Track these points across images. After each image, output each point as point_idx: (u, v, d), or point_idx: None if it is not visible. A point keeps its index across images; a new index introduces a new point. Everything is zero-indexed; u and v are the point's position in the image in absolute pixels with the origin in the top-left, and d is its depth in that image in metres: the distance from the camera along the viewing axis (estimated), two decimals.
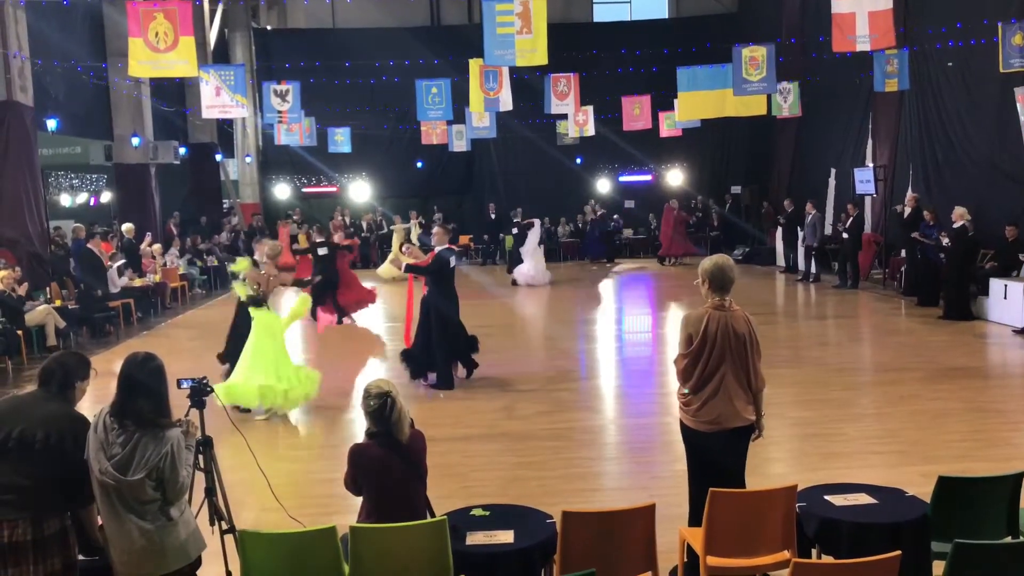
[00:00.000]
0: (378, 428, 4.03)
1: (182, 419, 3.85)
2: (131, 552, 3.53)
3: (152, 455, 3.52)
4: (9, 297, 11.47)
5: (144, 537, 3.52)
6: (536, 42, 10.87)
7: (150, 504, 3.55)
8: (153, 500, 3.55)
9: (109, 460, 3.49)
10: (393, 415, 3.99)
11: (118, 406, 3.59)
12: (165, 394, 3.66)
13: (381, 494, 4.02)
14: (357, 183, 25.01)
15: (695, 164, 25.44)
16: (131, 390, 3.59)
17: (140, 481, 3.49)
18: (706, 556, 4.11)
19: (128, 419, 3.55)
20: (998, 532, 4.17)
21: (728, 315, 4.63)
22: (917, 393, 8.75)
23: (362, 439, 4.19)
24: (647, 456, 7.20)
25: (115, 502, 3.52)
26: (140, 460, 3.51)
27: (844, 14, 11.92)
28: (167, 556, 3.58)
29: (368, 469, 4.03)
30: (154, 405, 3.60)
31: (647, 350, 12.34)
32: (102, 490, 3.52)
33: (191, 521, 3.74)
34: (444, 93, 17.36)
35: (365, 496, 4.07)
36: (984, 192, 14.36)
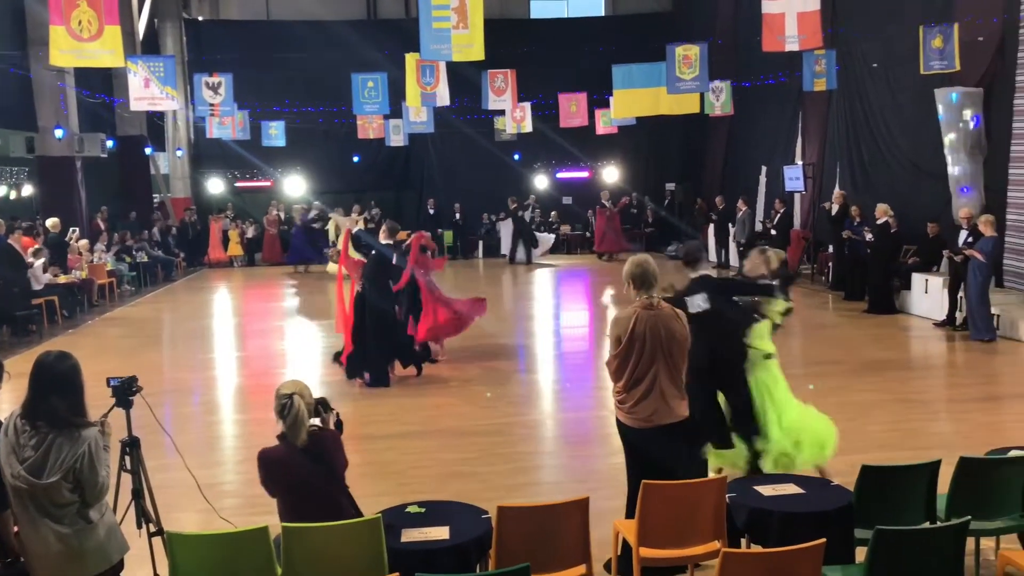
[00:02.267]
0: (283, 429, 3.99)
1: (99, 419, 3.74)
2: (47, 557, 3.43)
3: (67, 456, 3.42)
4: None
5: (61, 541, 3.42)
6: (473, 37, 10.84)
7: (67, 507, 3.44)
8: (70, 503, 3.45)
9: (21, 463, 3.38)
10: (289, 417, 3.93)
11: (29, 407, 3.46)
12: (80, 393, 3.53)
13: (289, 495, 3.99)
14: (292, 177, 24.64)
15: (631, 161, 25.71)
16: (43, 390, 3.46)
17: (55, 484, 3.39)
18: (639, 547, 4.17)
19: (40, 420, 3.43)
20: (917, 518, 4.32)
21: (657, 313, 4.70)
22: (843, 385, 9.01)
23: None
24: (584, 450, 7.28)
25: (29, 506, 3.41)
26: (55, 462, 3.40)
27: (774, 15, 12.17)
28: (86, 560, 3.48)
29: (272, 471, 3.99)
30: (69, 404, 3.48)
31: (585, 345, 12.45)
32: (16, 495, 3.41)
33: (112, 523, 3.65)
34: (381, 87, 17.21)
35: (277, 498, 4.03)
36: (907, 190, 14.86)
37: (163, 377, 10.29)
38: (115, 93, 20.94)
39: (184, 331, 13.72)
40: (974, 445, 6.16)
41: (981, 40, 12.98)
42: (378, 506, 4.36)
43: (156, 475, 4.65)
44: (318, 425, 4.09)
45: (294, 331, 13.61)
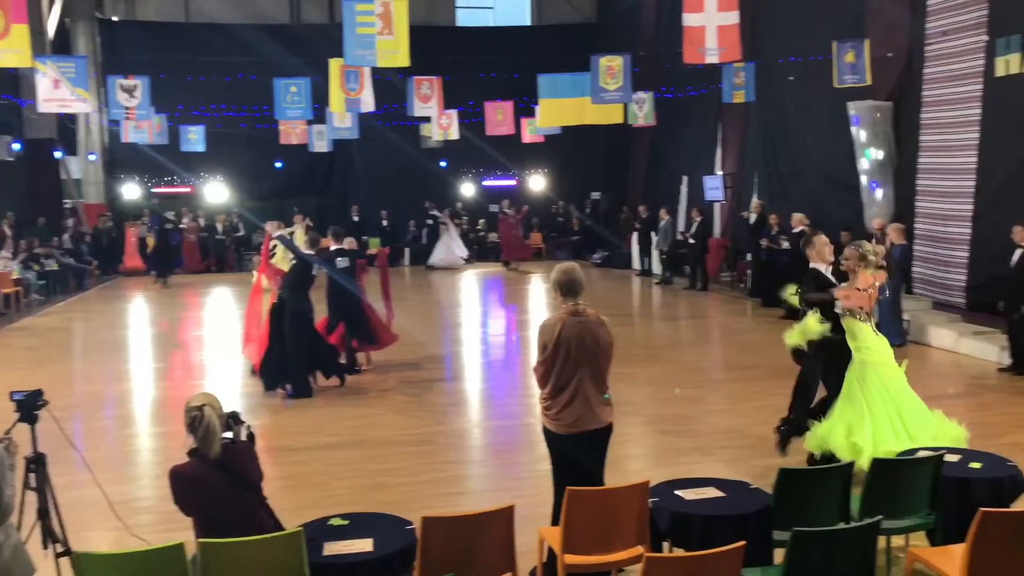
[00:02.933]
0: (195, 444, 3.89)
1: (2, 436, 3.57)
2: None
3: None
4: None
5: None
6: (398, 43, 10.79)
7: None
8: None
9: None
10: (200, 430, 3.84)
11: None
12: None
13: (205, 511, 3.89)
14: (212, 184, 24.06)
15: (557, 170, 25.93)
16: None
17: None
18: (564, 554, 4.19)
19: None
20: (832, 518, 4.44)
21: (582, 320, 4.74)
22: (762, 389, 9.22)
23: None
24: (511, 457, 7.28)
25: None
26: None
27: (694, 27, 12.43)
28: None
29: (184, 487, 3.88)
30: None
31: (512, 352, 12.47)
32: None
33: (17, 544, 3.48)
34: (304, 92, 16.95)
35: (193, 516, 3.92)
36: (821, 200, 15.35)
37: (74, 390, 9.91)
38: (22, 94, 20.10)
39: (97, 342, 13.24)
40: None
41: (890, 56, 13.53)
42: (300, 519, 4.27)
43: (66, 493, 4.46)
44: (230, 438, 3.99)
45: (214, 341, 13.27)
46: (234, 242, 23.62)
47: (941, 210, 12.96)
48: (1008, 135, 11.78)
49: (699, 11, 12.38)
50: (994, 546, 3.80)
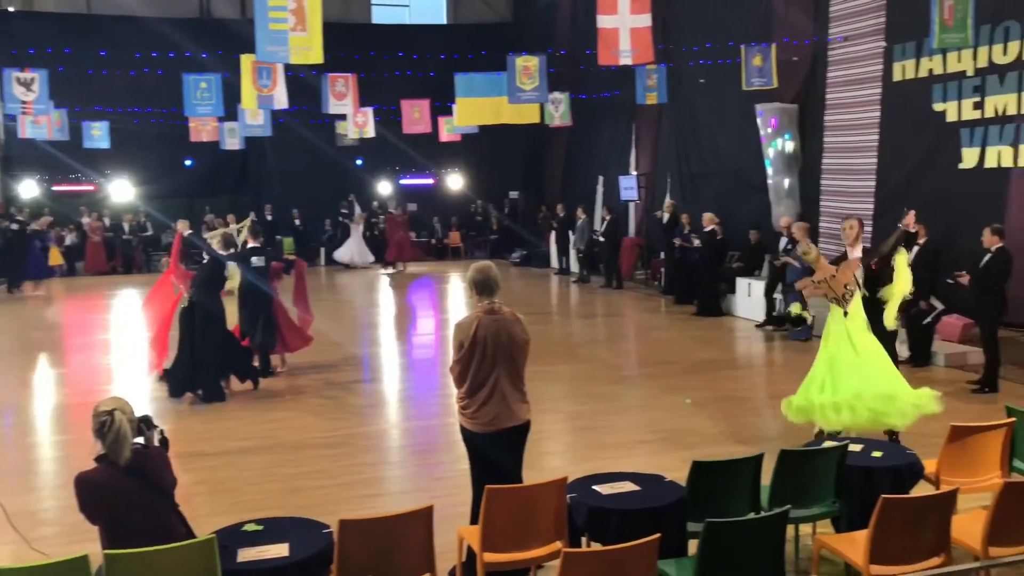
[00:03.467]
0: (104, 450, 3.76)
1: None
2: None
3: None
4: None
5: None
6: (311, 40, 10.58)
7: None
8: None
9: None
10: (110, 436, 3.72)
11: None
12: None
13: (113, 520, 3.75)
14: (118, 182, 23.21)
15: (474, 169, 25.95)
16: None
17: None
18: (483, 552, 4.20)
19: None
20: (743, 509, 4.58)
21: (499, 318, 4.76)
22: (676, 385, 9.44)
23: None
24: (430, 458, 7.25)
25: None
26: None
27: (608, 29, 12.60)
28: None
29: (91, 495, 3.74)
30: None
31: (430, 352, 12.42)
32: None
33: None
34: (215, 88, 16.50)
35: (99, 525, 3.78)
36: (731, 199, 15.79)
37: None
38: None
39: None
40: (793, 438, 6.61)
41: (796, 60, 14.01)
42: (213, 526, 4.16)
43: None
44: (142, 443, 3.86)
45: (120, 345, 12.81)
46: (142, 242, 22.87)
47: (844, 209, 13.47)
48: (905, 137, 12.35)
49: (613, 13, 12.55)
50: (895, 530, 3.98)
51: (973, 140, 11.27)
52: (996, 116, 10.96)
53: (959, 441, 4.99)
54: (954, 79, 11.48)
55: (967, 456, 5.01)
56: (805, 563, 4.78)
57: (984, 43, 10.89)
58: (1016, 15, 10.63)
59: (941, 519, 4.08)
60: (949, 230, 11.33)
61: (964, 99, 11.35)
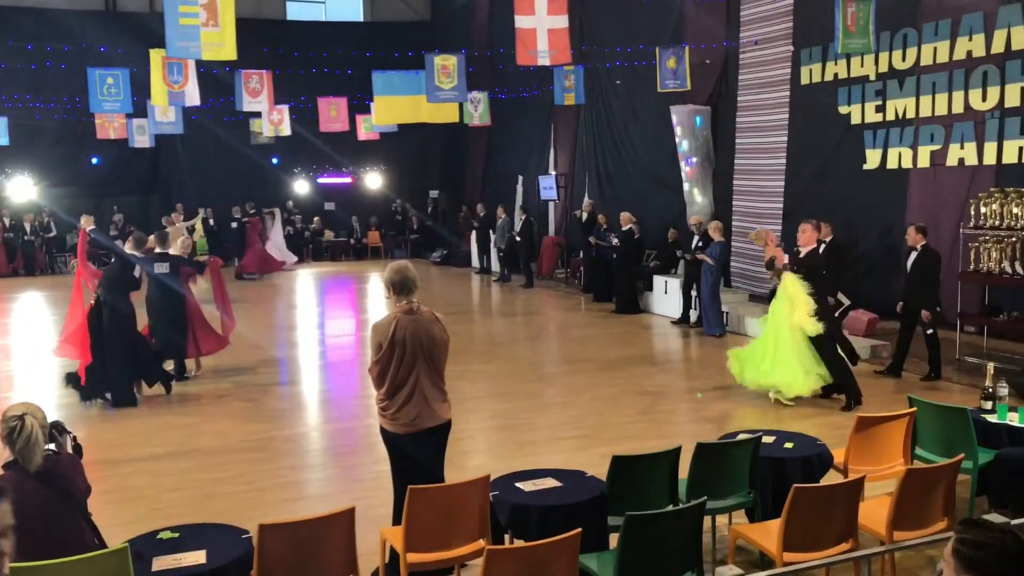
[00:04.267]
0: (13, 455, 3.62)
1: None
2: None
3: None
4: None
5: None
6: (224, 36, 10.34)
7: None
8: None
9: None
10: (20, 440, 3.58)
11: None
12: None
13: (22, 530, 3.59)
14: (18, 179, 22.22)
15: (394, 168, 25.76)
16: None
17: None
18: (406, 553, 4.19)
19: None
20: (662, 501, 4.68)
21: (417, 318, 4.75)
22: (596, 382, 9.57)
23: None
24: (350, 460, 7.18)
25: None
26: None
27: (526, 29, 12.68)
28: None
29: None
30: None
31: (350, 353, 12.28)
32: None
33: None
34: (122, 84, 15.92)
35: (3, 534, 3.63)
36: (648, 199, 16.10)
37: None
38: None
39: None
40: (708, 431, 6.79)
41: (708, 63, 14.36)
42: (127, 535, 4.04)
43: None
44: (53, 449, 3.72)
45: (22, 349, 12.27)
46: (45, 243, 21.96)
47: (755, 208, 13.90)
48: (812, 139, 12.80)
49: (530, 14, 12.63)
50: (806, 518, 4.13)
51: (876, 141, 11.77)
52: (896, 119, 11.47)
53: (865, 431, 5.21)
54: (858, 83, 11.97)
55: (872, 445, 5.23)
56: (722, 553, 4.91)
57: (885, 49, 11.39)
58: (914, 23, 11.15)
59: (849, 506, 4.24)
60: (853, 227, 11.82)
61: (867, 102, 11.85)
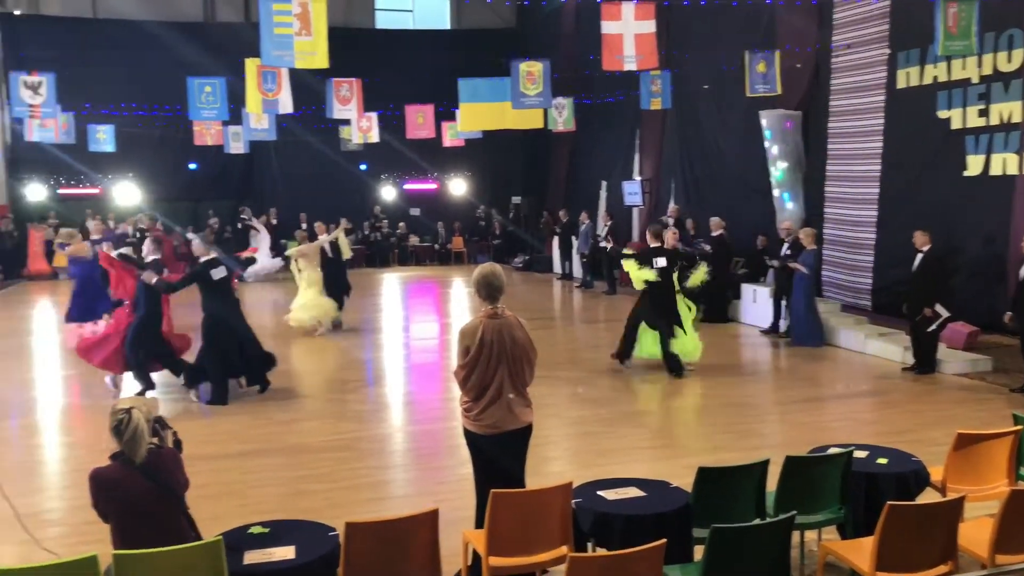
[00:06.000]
0: (119, 448, 3.78)
1: None
2: None
3: None
4: None
5: None
6: (316, 44, 10.61)
7: None
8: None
9: None
10: (126, 434, 3.74)
11: None
12: None
13: (124, 518, 3.77)
14: (123, 185, 23.26)
15: (478, 174, 25.99)
16: None
17: None
18: (488, 556, 4.20)
19: None
20: (749, 515, 4.58)
21: (502, 322, 4.78)
22: (680, 391, 9.44)
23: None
24: (434, 462, 7.25)
25: None
26: None
27: (613, 35, 12.64)
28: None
29: (104, 491, 3.76)
30: None
31: (433, 356, 12.42)
32: None
33: None
34: (219, 92, 16.52)
35: (111, 523, 3.80)
36: (735, 205, 15.79)
37: None
38: None
39: (1, 349, 12.65)
40: (798, 444, 6.61)
41: (799, 67, 14.02)
42: (219, 528, 4.17)
43: None
44: (156, 444, 3.88)
45: None
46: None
47: (848, 216, 13.49)
48: (909, 145, 12.36)
49: (617, 19, 12.59)
50: (901, 538, 3.97)
51: (978, 147, 11.28)
52: (1001, 123, 10.96)
53: (965, 448, 4.99)
54: (959, 86, 11.49)
55: (973, 463, 5.00)
56: (810, 569, 4.77)
57: (988, 51, 10.91)
58: (1020, 23, 10.64)
59: (948, 527, 4.07)
60: (953, 237, 11.34)
61: (969, 106, 11.37)
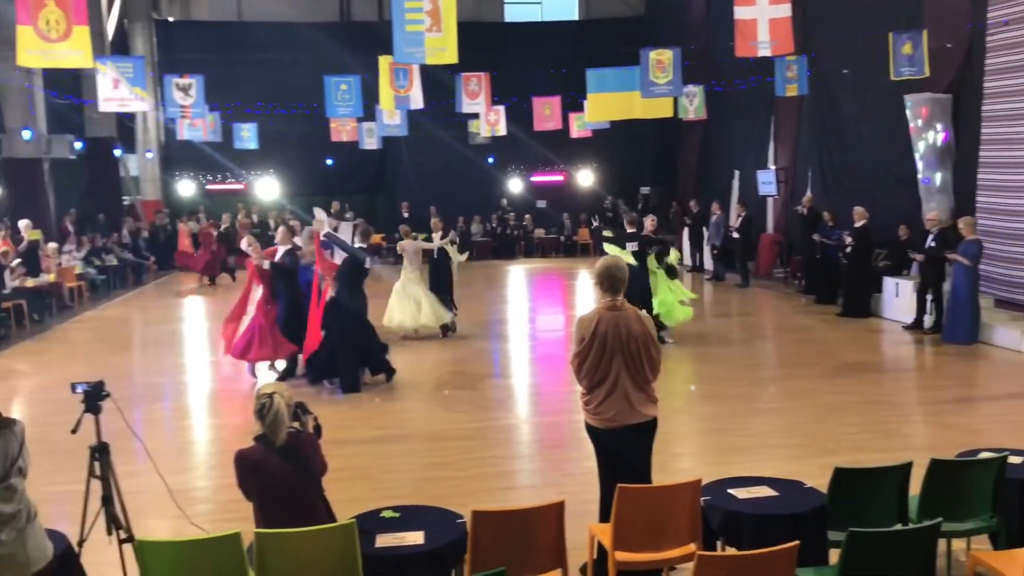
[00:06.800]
0: (262, 430, 3.97)
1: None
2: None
3: (12, 452, 3.42)
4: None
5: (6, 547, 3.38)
6: (446, 40, 10.80)
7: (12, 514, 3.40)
8: (15, 512, 3.42)
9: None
10: (268, 416, 3.92)
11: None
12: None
13: (265, 497, 3.98)
14: (264, 180, 24.45)
15: (605, 165, 25.82)
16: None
17: (10, 484, 3.37)
18: (614, 551, 4.17)
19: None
20: (889, 519, 4.35)
21: (619, 314, 4.71)
22: (816, 388, 9.08)
23: None
24: (559, 453, 7.27)
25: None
26: (4, 462, 3.38)
27: (746, 20, 12.26)
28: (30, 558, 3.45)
29: (248, 471, 3.97)
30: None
31: (559, 348, 12.44)
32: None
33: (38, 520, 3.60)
34: (354, 90, 17.11)
35: (253, 501, 4.00)
36: (877, 193, 15.02)
37: (133, 381, 10.16)
38: (84, 94, 20.65)
39: (154, 335, 13.55)
40: (945, 447, 6.24)
41: (950, 47, 13.17)
42: (352, 511, 4.32)
43: (126, 481, 4.57)
44: (297, 428, 4.06)
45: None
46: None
47: (1004, 205, 12.58)
48: None
49: (751, 4, 12.22)
50: None
51: None
52: None
53: None
54: None
55: None
56: None
57: None
58: None
59: None
60: None
61: None
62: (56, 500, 5.61)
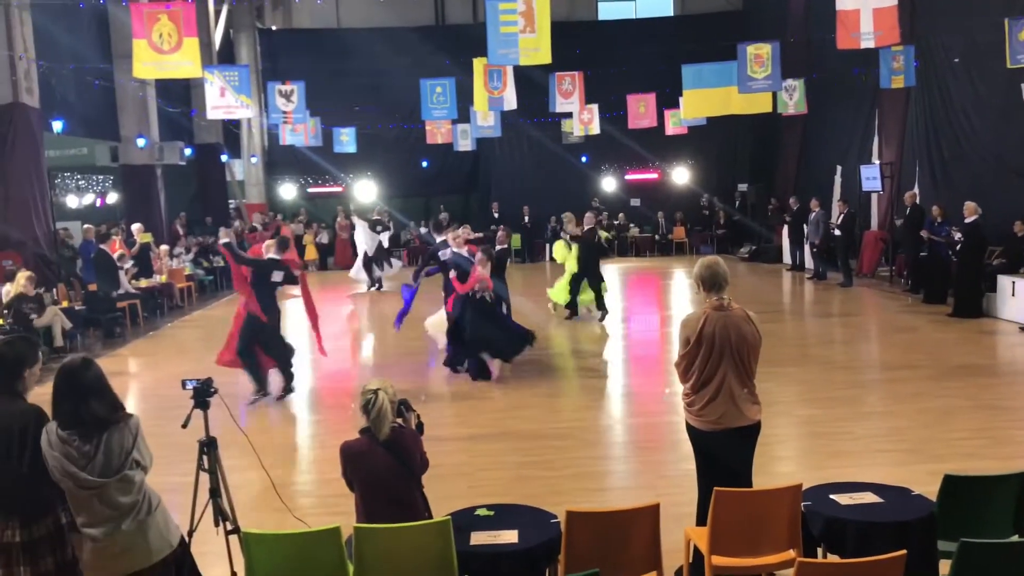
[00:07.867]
0: (367, 424, 4.10)
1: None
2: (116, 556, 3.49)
3: (128, 445, 3.51)
4: (24, 299, 11.41)
5: (129, 537, 3.50)
6: (540, 41, 10.85)
7: (132, 504, 3.52)
8: (134, 502, 3.54)
9: (84, 470, 3.41)
10: (373, 412, 4.05)
11: (70, 416, 3.47)
12: (112, 391, 3.60)
13: (365, 488, 4.10)
14: (362, 182, 25.05)
15: (701, 162, 25.40)
16: (79, 397, 3.48)
17: (126, 476, 3.47)
18: (711, 555, 4.10)
19: (88, 425, 3.46)
20: (1004, 531, 4.14)
21: (727, 315, 4.62)
22: (924, 391, 8.71)
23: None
24: (654, 455, 7.19)
25: (97, 509, 3.46)
26: (118, 455, 3.47)
27: (848, 11, 11.88)
28: (151, 547, 3.56)
29: (352, 462, 4.11)
30: (107, 403, 3.54)
31: (654, 348, 12.31)
32: (80, 504, 3.47)
33: (164, 507, 3.73)
34: (449, 92, 17.34)
35: (355, 492, 4.13)
36: (991, 188, 14.28)
37: (238, 379, 10.53)
38: (193, 103, 21.61)
39: None
40: None
41: None
42: (447, 508, 4.38)
43: (232, 475, 4.76)
44: (400, 424, 4.17)
45: (367, 335, 13.79)
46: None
47: None
48: None
49: None
50: None
51: None
52: None
53: None
54: None
55: None
56: None
57: None
58: None
59: None
60: None
61: None
62: (168, 491, 5.88)
